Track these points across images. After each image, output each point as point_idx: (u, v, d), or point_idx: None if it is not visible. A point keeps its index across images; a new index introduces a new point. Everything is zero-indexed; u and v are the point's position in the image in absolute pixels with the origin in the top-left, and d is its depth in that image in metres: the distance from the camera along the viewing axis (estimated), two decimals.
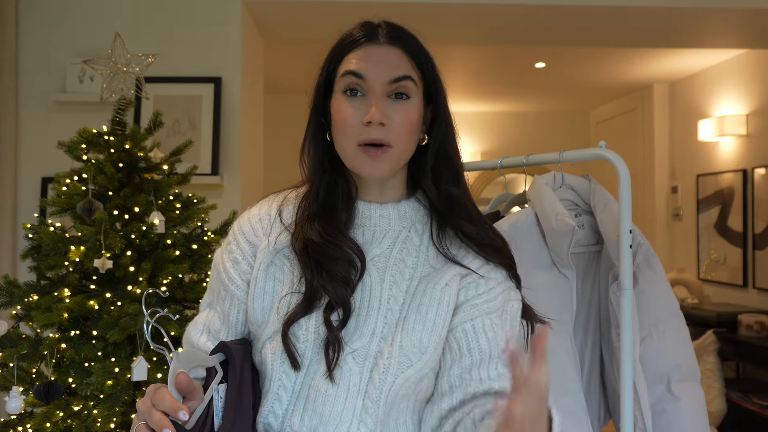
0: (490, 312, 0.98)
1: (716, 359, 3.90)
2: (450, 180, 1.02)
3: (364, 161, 0.97)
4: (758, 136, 4.25)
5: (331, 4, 2.99)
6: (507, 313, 0.99)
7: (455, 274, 0.99)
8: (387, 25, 1.02)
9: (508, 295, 1.01)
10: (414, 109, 0.99)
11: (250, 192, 3.09)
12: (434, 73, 1.02)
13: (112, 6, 2.89)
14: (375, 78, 0.97)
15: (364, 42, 1.00)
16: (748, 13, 3.13)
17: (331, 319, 0.94)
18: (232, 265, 1.03)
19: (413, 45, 1.01)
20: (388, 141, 0.97)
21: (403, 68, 0.99)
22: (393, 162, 0.98)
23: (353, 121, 0.97)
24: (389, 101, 0.98)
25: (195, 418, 0.89)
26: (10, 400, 1.72)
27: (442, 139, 1.02)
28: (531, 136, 6.43)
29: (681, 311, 1.56)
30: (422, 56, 1.01)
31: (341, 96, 0.99)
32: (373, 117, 0.95)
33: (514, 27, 3.41)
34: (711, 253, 4.70)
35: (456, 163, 1.03)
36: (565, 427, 1.51)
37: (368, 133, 0.96)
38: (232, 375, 0.94)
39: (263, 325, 0.98)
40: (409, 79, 0.98)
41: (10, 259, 2.76)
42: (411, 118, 0.98)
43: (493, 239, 1.03)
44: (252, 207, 1.09)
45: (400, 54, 1.00)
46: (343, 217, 1.02)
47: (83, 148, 1.91)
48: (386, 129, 0.96)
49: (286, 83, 4.67)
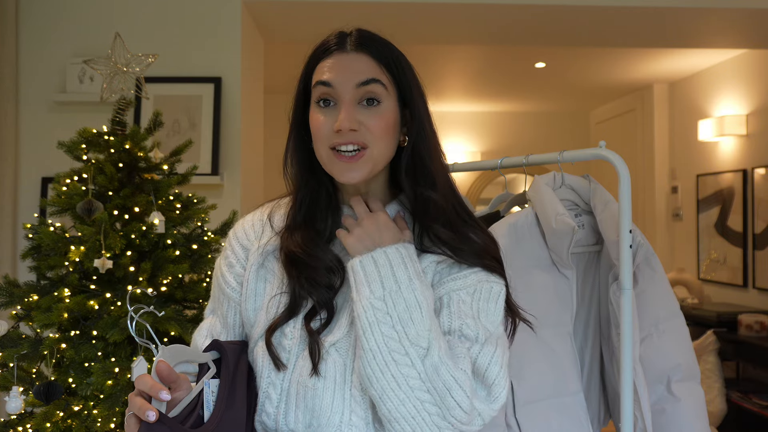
0: (459, 289, 0.98)
1: (716, 359, 3.90)
2: (426, 183, 1.01)
3: (339, 168, 0.99)
4: (758, 136, 4.25)
5: (331, 4, 2.99)
6: (480, 292, 0.98)
7: (431, 261, 1.01)
8: (357, 33, 1.03)
9: (484, 276, 1.00)
10: (387, 112, 1.00)
11: (250, 192, 3.09)
12: (407, 77, 1.02)
13: (112, 6, 2.89)
14: (342, 84, 0.98)
15: (334, 50, 1.01)
16: (748, 13, 3.13)
17: (311, 324, 0.98)
18: (228, 269, 1.08)
19: (382, 50, 1.01)
20: (364, 142, 0.98)
21: (370, 72, 0.99)
22: (369, 165, 0.99)
23: (325, 129, 0.99)
24: (360, 108, 0.99)
25: (180, 407, 0.90)
26: (10, 400, 1.72)
27: (415, 141, 1.02)
28: (531, 136, 6.43)
29: (681, 311, 1.56)
30: (392, 60, 1.01)
31: (315, 107, 1.01)
32: (341, 124, 0.97)
33: (514, 27, 3.41)
34: (711, 253, 4.70)
35: (431, 166, 1.02)
36: (565, 427, 1.51)
37: (339, 138, 0.98)
38: (225, 371, 0.95)
39: (254, 325, 1.03)
40: (376, 82, 0.99)
41: (10, 259, 2.76)
42: (385, 122, 0.99)
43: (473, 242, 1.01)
44: (248, 215, 1.15)
45: (367, 59, 1.00)
46: (329, 223, 1.05)
47: (83, 148, 1.91)
48: (358, 134, 0.97)
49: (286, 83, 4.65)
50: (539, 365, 1.47)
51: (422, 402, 0.88)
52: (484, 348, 0.95)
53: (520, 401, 1.44)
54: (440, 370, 0.89)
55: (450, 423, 0.89)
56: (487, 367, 0.93)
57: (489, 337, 0.96)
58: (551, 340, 1.48)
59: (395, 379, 0.89)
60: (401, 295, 0.91)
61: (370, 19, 1.07)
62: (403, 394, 0.89)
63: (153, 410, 0.84)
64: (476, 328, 0.95)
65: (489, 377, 0.93)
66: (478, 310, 0.97)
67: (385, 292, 0.92)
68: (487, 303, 0.98)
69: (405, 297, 0.91)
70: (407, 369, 0.89)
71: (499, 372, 0.94)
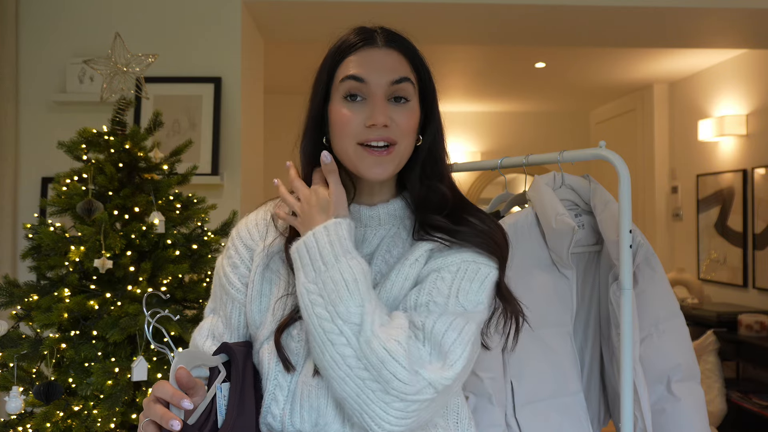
0: (440, 268, 0.98)
1: (716, 359, 3.90)
2: (435, 177, 1.04)
3: (368, 163, 0.98)
4: (758, 136, 4.25)
5: (331, 4, 2.99)
6: (464, 272, 0.97)
7: (425, 250, 1.01)
8: (383, 30, 1.03)
9: (471, 257, 0.99)
10: (414, 110, 1.01)
11: (250, 192, 3.09)
12: (429, 76, 1.05)
13: (112, 6, 2.89)
14: (376, 80, 0.98)
15: (361, 46, 1.00)
16: (748, 13, 3.13)
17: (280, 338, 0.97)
18: (232, 270, 1.07)
19: (410, 48, 1.03)
20: (395, 138, 0.98)
21: (403, 70, 1.00)
22: (397, 161, 1.00)
23: (354, 123, 0.98)
24: (390, 104, 0.99)
25: (197, 414, 0.90)
26: (10, 400, 1.72)
27: (432, 140, 1.04)
28: (531, 136, 6.43)
29: (681, 311, 1.56)
30: (418, 59, 1.03)
31: (341, 101, 0.99)
32: (376, 119, 0.96)
33: (514, 27, 3.41)
34: (711, 253, 4.70)
35: (443, 163, 1.05)
36: (565, 427, 1.51)
37: (371, 134, 0.97)
38: (235, 374, 0.95)
39: (260, 327, 1.01)
40: (408, 81, 1.00)
41: (10, 259, 2.76)
42: (413, 120, 1.01)
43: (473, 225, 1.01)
44: (250, 213, 1.13)
45: (399, 56, 1.01)
46: None
47: (83, 148, 1.91)
48: (389, 130, 0.98)
49: (286, 83, 4.68)
50: (539, 365, 1.47)
51: (363, 380, 0.87)
52: (442, 317, 0.92)
53: (520, 401, 1.44)
54: (372, 344, 0.87)
55: (395, 396, 0.87)
56: (444, 334, 0.91)
57: (458, 313, 0.94)
58: (551, 340, 1.48)
59: (333, 359, 0.88)
60: (328, 275, 0.91)
61: (371, 20, 1.07)
62: (343, 374, 0.88)
63: (177, 420, 0.84)
64: (445, 305, 0.94)
65: (444, 344, 0.91)
66: (457, 289, 0.96)
67: (315, 274, 0.92)
68: (470, 283, 0.97)
69: (331, 276, 0.90)
70: (343, 348, 0.88)
71: (455, 339, 0.91)
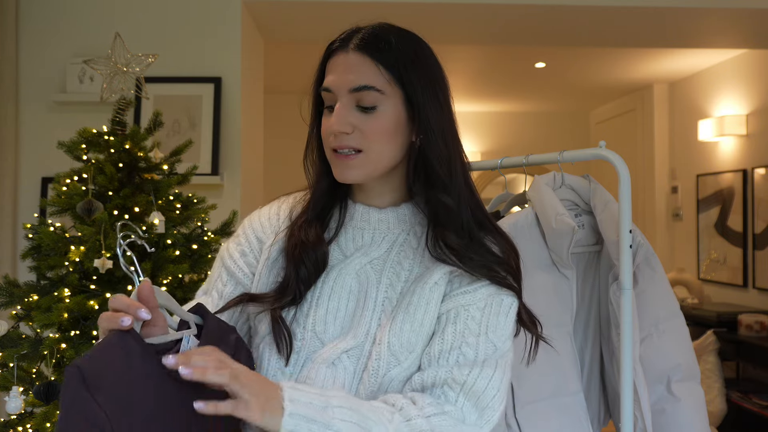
0: (468, 304, 0.96)
1: (716, 359, 3.90)
2: (438, 186, 0.98)
3: (338, 168, 0.99)
4: (758, 136, 4.25)
5: (331, 4, 2.99)
6: (491, 306, 0.96)
7: (444, 272, 0.98)
8: (366, 31, 0.99)
9: (495, 290, 0.98)
10: (384, 117, 0.96)
11: (250, 192, 3.09)
12: (417, 76, 0.97)
13: (112, 6, 2.89)
14: (338, 88, 0.97)
15: (336, 50, 1.00)
16: (748, 13, 3.13)
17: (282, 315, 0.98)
18: (240, 255, 1.07)
19: (387, 50, 0.96)
20: (358, 146, 0.97)
21: (366, 78, 0.95)
22: (367, 167, 0.98)
23: (327, 132, 0.99)
24: (356, 110, 0.97)
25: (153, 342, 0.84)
26: (10, 400, 1.72)
27: (422, 144, 0.98)
28: (531, 136, 6.43)
29: (681, 311, 1.56)
30: (400, 60, 0.96)
31: (325, 111, 1.01)
32: (331, 128, 0.97)
33: (514, 27, 3.41)
34: (711, 253, 4.70)
35: (441, 169, 0.97)
36: (565, 427, 1.51)
37: (334, 141, 0.97)
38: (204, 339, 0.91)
39: (263, 321, 1.01)
40: (369, 89, 0.95)
41: (10, 259, 2.76)
42: (381, 125, 0.96)
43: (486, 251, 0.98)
44: (263, 206, 1.14)
45: (366, 62, 0.96)
46: (337, 218, 1.06)
47: (83, 148, 1.91)
48: (354, 136, 0.96)
49: (286, 83, 4.67)
50: (539, 365, 1.46)
51: None
52: (483, 370, 0.92)
53: (520, 401, 1.44)
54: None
55: None
56: (483, 391, 0.91)
57: (492, 355, 0.94)
58: (551, 340, 1.48)
59: None
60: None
61: (370, 20, 1.06)
62: None
63: (128, 316, 0.76)
64: (476, 347, 0.93)
65: (483, 401, 0.91)
66: (486, 326, 0.95)
67: None
68: (497, 317, 0.96)
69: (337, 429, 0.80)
70: None
71: (494, 396, 0.92)
